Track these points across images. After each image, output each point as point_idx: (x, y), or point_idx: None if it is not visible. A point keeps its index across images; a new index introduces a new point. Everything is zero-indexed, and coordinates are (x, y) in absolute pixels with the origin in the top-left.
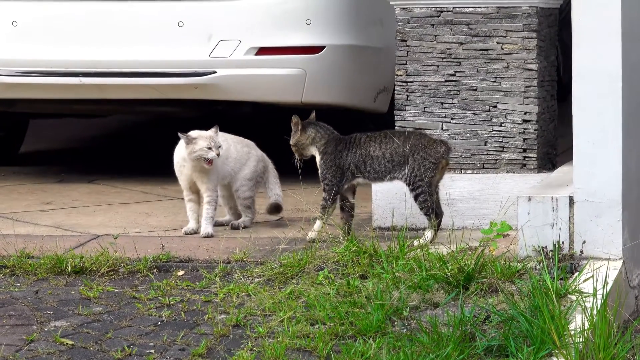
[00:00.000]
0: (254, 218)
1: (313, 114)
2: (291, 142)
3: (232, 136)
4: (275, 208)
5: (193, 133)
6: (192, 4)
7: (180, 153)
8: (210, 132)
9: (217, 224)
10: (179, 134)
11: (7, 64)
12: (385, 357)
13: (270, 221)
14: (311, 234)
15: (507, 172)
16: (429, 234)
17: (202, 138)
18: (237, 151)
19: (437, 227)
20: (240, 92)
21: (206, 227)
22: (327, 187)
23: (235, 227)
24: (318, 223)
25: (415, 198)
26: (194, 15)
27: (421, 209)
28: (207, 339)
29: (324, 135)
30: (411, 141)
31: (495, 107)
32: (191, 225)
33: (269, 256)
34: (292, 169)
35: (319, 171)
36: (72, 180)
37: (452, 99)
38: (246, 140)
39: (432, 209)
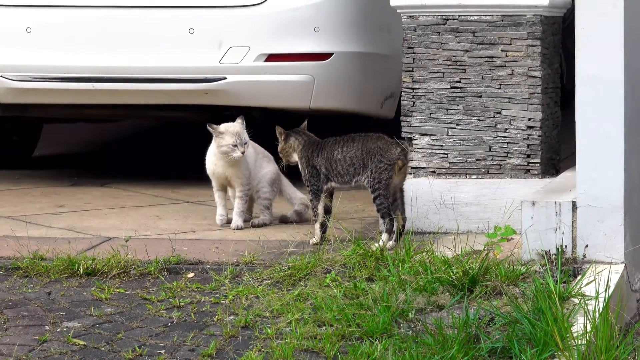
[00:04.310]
0: (271, 219)
1: (305, 122)
2: (278, 150)
3: (251, 142)
4: (283, 220)
5: (221, 127)
6: (203, 11)
7: (213, 150)
8: (238, 127)
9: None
10: (208, 126)
11: (21, 70)
12: (391, 358)
13: (278, 224)
14: (313, 240)
15: (511, 177)
16: (384, 236)
17: (229, 134)
18: (262, 158)
19: (402, 230)
20: (250, 98)
21: (237, 221)
22: (310, 189)
23: (256, 225)
24: (317, 226)
25: (374, 200)
26: (204, 22)
27: (377, 211)
28: (217, 340)
29: (301, 142)
30: (368, 145)
31: (499, 113)
32: (220, 211)
33: (277, 259)
34: (298, 173)
35: (301, 175)
36: (85, 184)
37: (458, 105)
38: (261, 148)
39: (388, 212)
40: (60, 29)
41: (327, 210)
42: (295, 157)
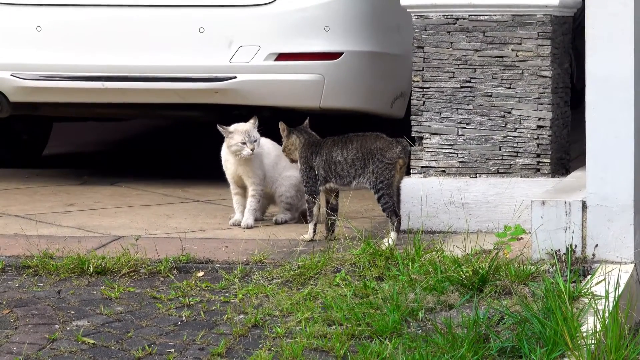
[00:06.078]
0: (294, 219)
1: (307, 121)
2: (282, 148)
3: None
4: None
5: (231, 127)
6: (213, 10)
7: (226, 148)
8: (248, 125)
9: (235, 224)
10: (218, 127)
11: (31, 68)
12: (401, 357)
13: (288, 223)
14: (304, 236)
15: (521, 177)
16: (392, 235)
17: (238, 132)
18: (286, 160)
19: (397, 228)
20: (260, 97)
21: (247, 219)
22: (306, 189)
23: (278, 222)
24: (310, 227)
25: (378, 200)
26: (215, 21)
27: (383, 210)
28: (226, 339)
29: (302, 140)
30: (368, 145)
31: (509, 113)
32: (237, 217)
33: (287, 258)
34: None
35: (300, 174)
36: (95, 183)
37: (468, 104)
38: None
39: (394, 211)
40: (71, 28)
41: (334, 209)
42: (296, 155)
